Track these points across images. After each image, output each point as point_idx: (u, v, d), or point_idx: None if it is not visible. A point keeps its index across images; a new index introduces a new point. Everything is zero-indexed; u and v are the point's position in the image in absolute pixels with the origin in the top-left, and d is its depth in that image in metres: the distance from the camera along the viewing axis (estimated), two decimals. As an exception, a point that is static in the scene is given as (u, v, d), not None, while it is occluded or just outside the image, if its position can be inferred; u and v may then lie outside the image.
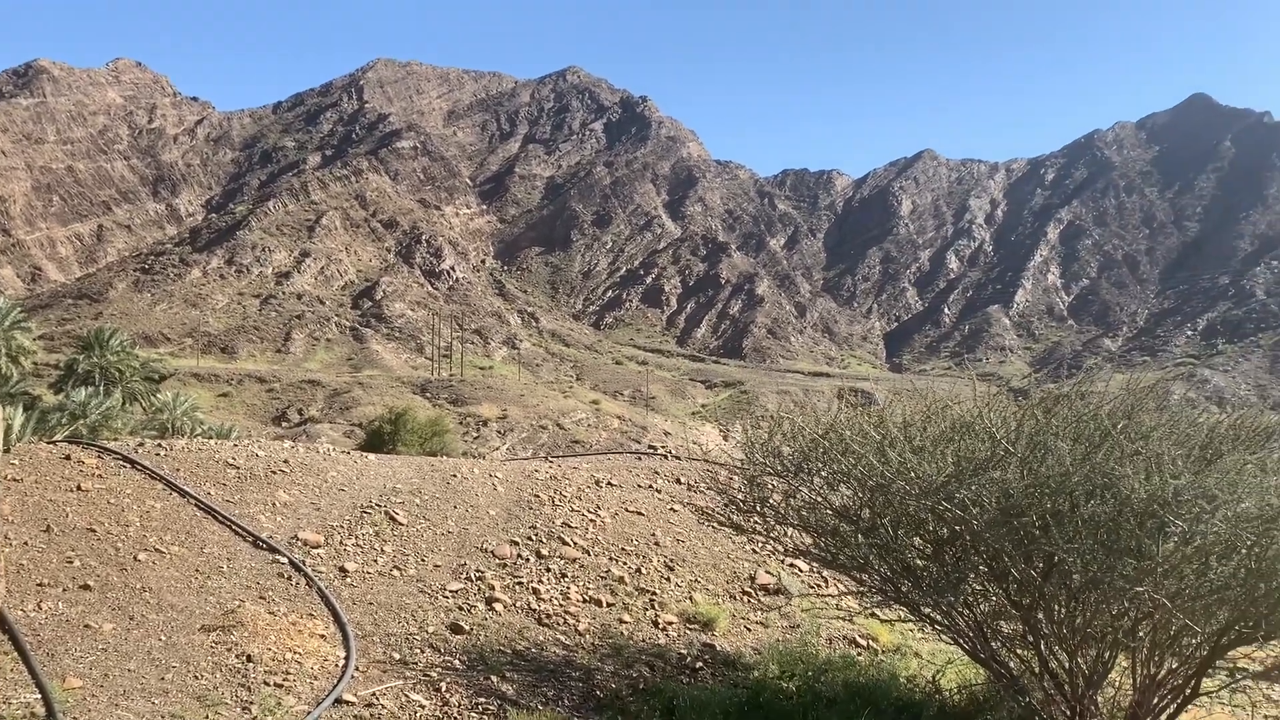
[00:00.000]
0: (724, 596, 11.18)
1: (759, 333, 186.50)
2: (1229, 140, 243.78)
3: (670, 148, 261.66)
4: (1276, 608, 6.61)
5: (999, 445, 7.03)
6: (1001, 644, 7.82)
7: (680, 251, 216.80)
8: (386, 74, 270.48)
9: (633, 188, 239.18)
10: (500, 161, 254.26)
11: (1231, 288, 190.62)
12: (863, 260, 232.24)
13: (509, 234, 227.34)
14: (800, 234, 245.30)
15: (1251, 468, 6.64)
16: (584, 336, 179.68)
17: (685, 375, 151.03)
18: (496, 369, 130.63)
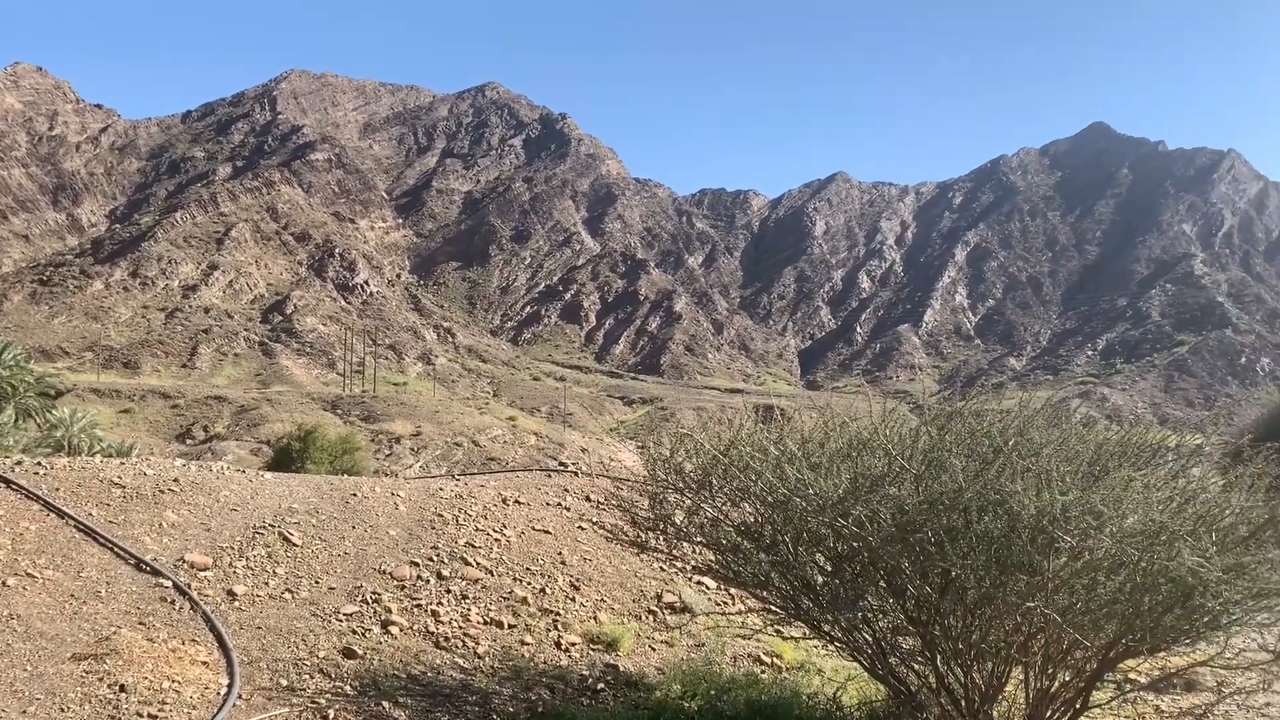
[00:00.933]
0: (630, 616, 11.04)
1: (677, 349, 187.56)
2: (1126, 168, 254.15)
3: (590, 165, 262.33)
4: (1161, 620, 6.75)
5: (895, 462, 7.06)
6: (900, 660, 7.83)
7: (599, 268, 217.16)
8: (301, 85, 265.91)
9: (552, 204, 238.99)
10: (417, 175, 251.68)
11: (1129, 309, 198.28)
12: (778, 279, 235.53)
13: (425, 249, 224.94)
14: (718, 252, 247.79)
15: (1137, 484, 6.78)
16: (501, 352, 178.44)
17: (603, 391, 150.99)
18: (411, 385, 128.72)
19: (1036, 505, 6.39)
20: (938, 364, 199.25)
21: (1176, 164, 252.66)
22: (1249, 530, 6.88)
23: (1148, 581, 6.50)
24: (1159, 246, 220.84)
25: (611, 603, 11.20)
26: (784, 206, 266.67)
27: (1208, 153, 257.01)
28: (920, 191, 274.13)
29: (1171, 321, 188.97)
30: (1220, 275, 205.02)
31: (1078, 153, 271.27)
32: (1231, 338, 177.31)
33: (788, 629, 9.48)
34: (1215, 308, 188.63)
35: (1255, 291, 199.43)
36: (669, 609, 11.38)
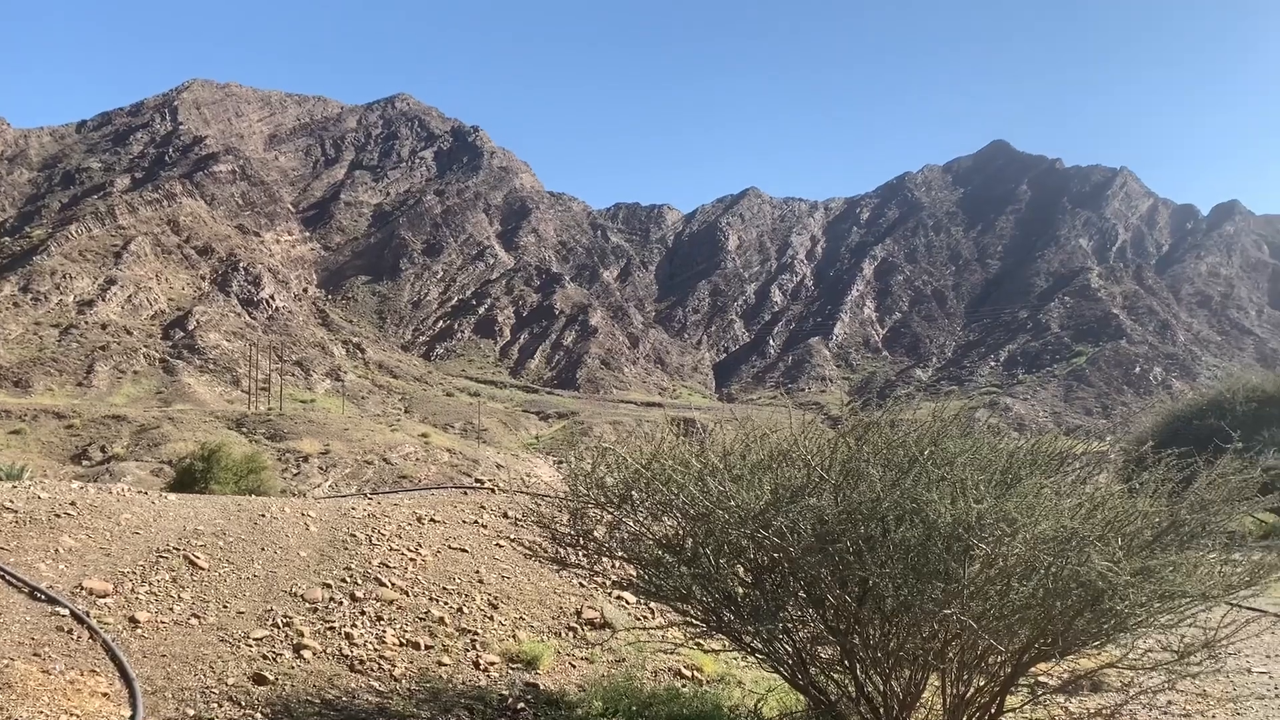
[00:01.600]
0: (550, 633, 10.92)
1: (593, 363, 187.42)
2: (1025, 184, 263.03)
3: (503, 178, 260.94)
4: (1072, 624, 6.93)
5: (814, 473, 7.12)
6: (820, 670, 7.89)
7: (514, 282, 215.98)
8: (203, 95, 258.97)
9: (465, 217, 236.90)
10: (325, 188, 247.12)
11: (1029, 321, 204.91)
12: (693, 293, 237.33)
13: (334, 262, 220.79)
14: (633, 266, 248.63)
15: (1048, 491, 6.96)
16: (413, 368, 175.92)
17: (519, 407, 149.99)
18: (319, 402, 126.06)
19: (952, 513, 6.51)
20: (848, 375, 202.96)
21: (1073, 181, 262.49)
22: (1154, 534, 7.12)
23: (1059, 586, 6.68)
24: (1057, 260, 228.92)
25: (531, 620, 11.07)
26: (698, 221, 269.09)
27: (1102, 170, 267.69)
28: (829, 207, 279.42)
29: (1070, 333, 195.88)
30: (1115, 288, 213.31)
31: (979, 170, 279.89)
32: (1126, 348, 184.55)
33: (709, 641, 9.46)
34: (1111, 319, 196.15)
35: (1147, 303, 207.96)
36: (590, 625, 11.29)
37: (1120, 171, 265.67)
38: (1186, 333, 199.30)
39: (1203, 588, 6.85)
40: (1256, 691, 11.43)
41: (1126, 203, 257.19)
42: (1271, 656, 13.33)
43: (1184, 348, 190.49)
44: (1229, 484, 7.32)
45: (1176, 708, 10.31)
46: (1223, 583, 7.15)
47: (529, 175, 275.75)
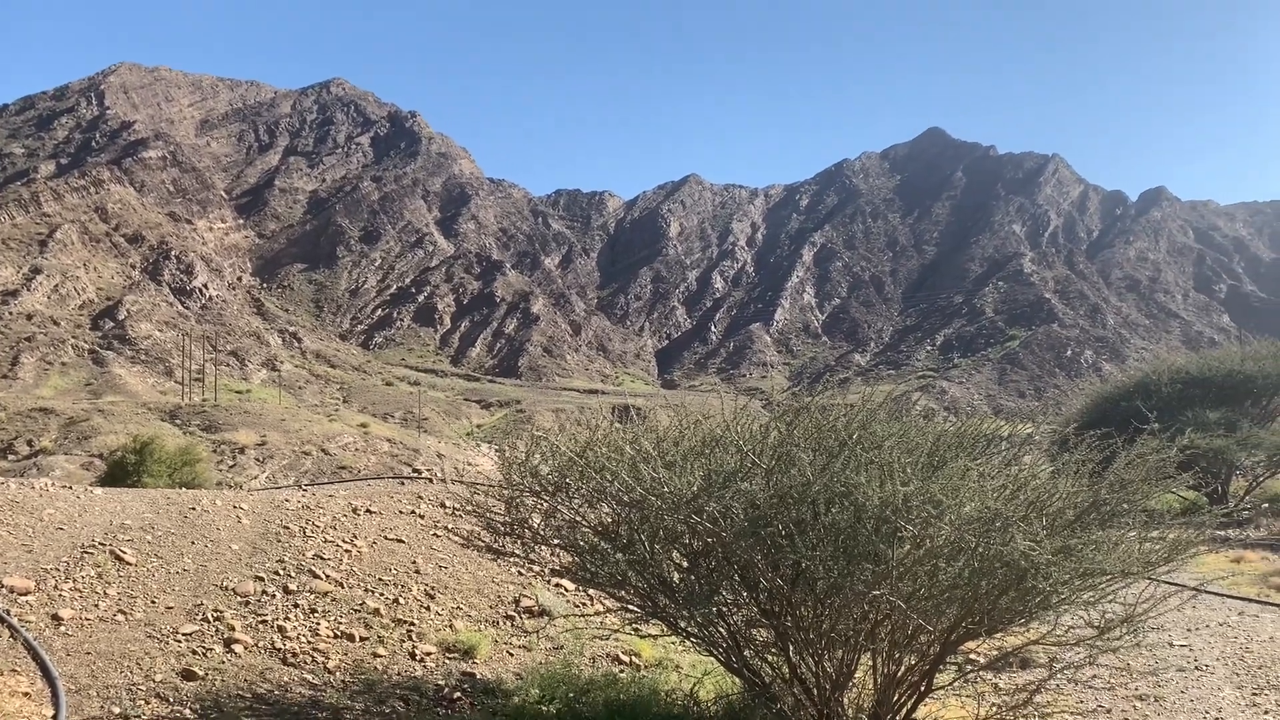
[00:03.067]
0: (487, 623, 10.89)
1: (535, 351, 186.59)
2: (960, 171, 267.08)
3: (441, 164, 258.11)
4: (997, 603, 7.08)
5: (746, 458, 7.17)
6: (755, 652, 7.98)
7: (454, 269, 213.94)
8: (131, 79, 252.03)
9: (403, 204, 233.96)
10: (259, 174, 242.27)
11: (965, 306, 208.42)
12: (634, 280, 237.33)
13: (269, 250, 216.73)
14: (574, 253, 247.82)
15: (973, 473, 7.09)
16: (351, 357, 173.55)
17: (460, 395, 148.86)
18: (255, 393, 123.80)
19: (880, 496, 6.61)
20: (788, 361, 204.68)
21: (1006, 168, 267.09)
22: (1075, 514, 7.30)
23: (985, 566, 6.82)
24: (991, 246, 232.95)
25: (468, 610, 11.03)
26: (639, 208, 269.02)
27: (1034, 157, 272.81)
28: (769, 194, 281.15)
29: (1004, 317, 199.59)
30: (1047, 273, 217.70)
31: (915, 157, 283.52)
32: (1058, 332, 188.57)
33: (646, 627, 9.52)
34: (1043, 304, 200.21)
35: (1079, 288, 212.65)
36: (527, 613, 11.29)
37: (1052, 158, 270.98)
38: (1116, 316, 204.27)
39: (1122, 565, 7.04)
40: (1176, 664, 11.82)
41: (1058, 189, 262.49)
42: (1192, 630, 13.79)
43: (1113, 331, 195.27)
44: (1147, 463, 7.53)
45: (1100, 681, 10.61)
46: (1142, 560, 7.36)
47: (468, 161, 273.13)
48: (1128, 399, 29.36)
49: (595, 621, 10.43)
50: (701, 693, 8.76)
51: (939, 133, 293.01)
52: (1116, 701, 10.18)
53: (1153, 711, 9.87)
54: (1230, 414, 29.72)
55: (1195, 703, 10.15)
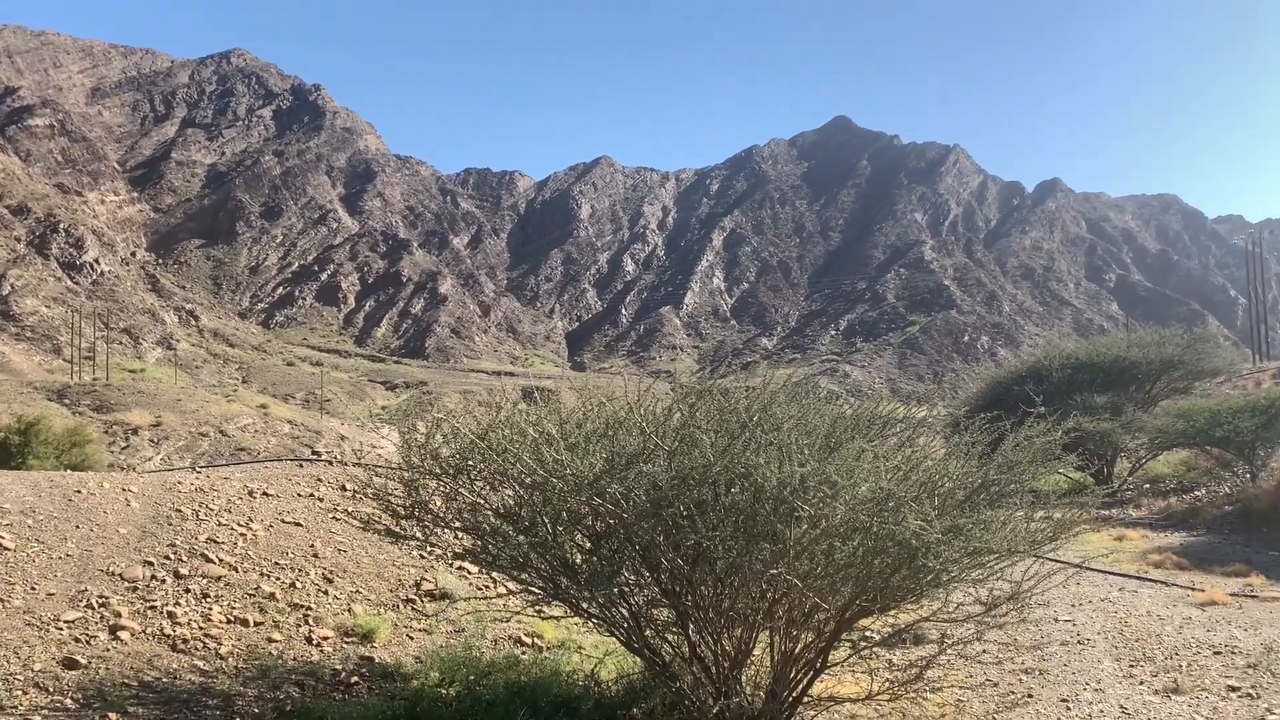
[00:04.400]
0: (387, 606, 10.75)
1: (442, 332, 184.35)
2: (866, 159, 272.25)
3: (346, 139, 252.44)
4: (890, 580, 7.27)
5: (649, 440, 7.20)
6: (655, 632, 8.04)
7: (358, 248, 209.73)
8: (16, 42, 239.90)
9: (306, 179, 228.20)
10: (154, 146, 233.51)
11: (868, 292, 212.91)
12: (545, 261, 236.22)
13: (165, 224, 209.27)
14: (484, 233, 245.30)
15: (868, 455, 7.25)
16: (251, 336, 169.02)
17: (364, 376, 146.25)
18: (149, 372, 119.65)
19: (778, 477, 6.71)
20: (697, 344, 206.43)
21: (909, 157, 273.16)
22: (965, 494, 7.53)
23: (878, 545, 6.99)
24: (894, 234, 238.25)
25: (368, 594, 10.87)
26: (550, 189, 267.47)
27: (936, 147, 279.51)
28: (680, 178, 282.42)
29: (905, 303, 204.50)
30: (947, 261, 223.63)
31: (822, 145, 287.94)
32: (956, 318, 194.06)
33: (549, 609, 9.52)
34: (942, 290, 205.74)
35: (976, 276, 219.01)
36: (429, 597, 11.18)
37: (954, 149, 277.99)
38: (1011, 303, 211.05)
39: (1009, 543, 7.28)
40: (1060, 638, 12.31)
41: (959, 179, 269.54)
42: (1076, 605, 14.36)
43: (1009, 318, 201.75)
44: (1034, 445, 7.80)
45: (989, 655, 10.99)
46: (1028, 538, 7.63)
47: (374, 137, 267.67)
48: (1020, 383, 30.35)
49: (498, 604, 10.38)
50: (603, 673, 8.80)
51: (846, 121, 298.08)
52: (1004, 675, 10.56)
53: (1037, 684, 10.26)
54: (1116, 398, 30.99)
55: (1077, 675, 10.58)
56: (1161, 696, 9.68)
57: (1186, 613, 13.68)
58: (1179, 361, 32.99)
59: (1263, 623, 12.85)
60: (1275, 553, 19.24)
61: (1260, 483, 24.21)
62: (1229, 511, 23.49)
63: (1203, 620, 13.15)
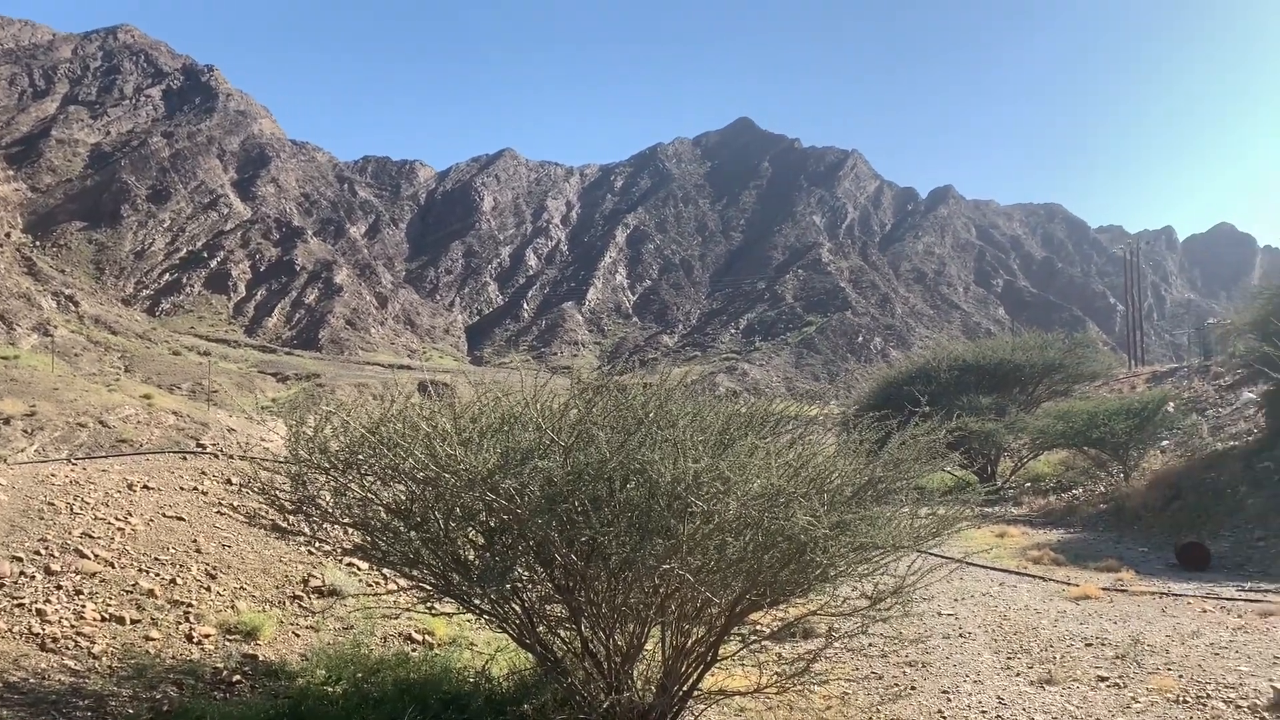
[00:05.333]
0: (273, 603, 10.48)
1: (337, 323, 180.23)
2: (767, 161, 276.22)
3: (240, 123, 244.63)
4: (779, 575, 7.40)
5: (545, 435, 7.18)
6: (548, 628, 8.02)
7: (250, 234, 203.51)
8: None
9: (196, 162, 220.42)
10: (33, 122, 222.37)
11: (767, 292, 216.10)
12: (446, 253, 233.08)
13: (43, 205, 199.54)
14: (382, 223, 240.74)
15: (760, 451, 7.36)
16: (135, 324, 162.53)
17: (254, 367, 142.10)
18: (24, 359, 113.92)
19: (673, 473, 6.76)
20: (599, 341, 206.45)
21: (809, 161, 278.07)
22: (853, 491, 7.71)
23: (769, 540, 7.10)
24: (793, 235, 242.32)
25: (253, 590, 10.57)
26: (452, 179, 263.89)
27: (835, 152, 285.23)
28: (585, 173, 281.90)
29: (802, 304, 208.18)
30: (843, 263, 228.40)
31: (726, 145, 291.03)
32: (851, 319, 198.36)
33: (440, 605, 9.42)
34: (838, 292, 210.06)
35: (871, 279, 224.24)
36: (316, 593, 10.93)
37: (852, 154, 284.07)
38: (904, 306, 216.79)
39: (894, 539, 7.49)
40: (943, 631, 12.71)
41: (856, 184, 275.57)
42: (958, 599, 14.84)
43: (901, 320, 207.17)
44: (919, 444, 8.03)
45: (874, 649, 11.29)
46: (912, 534, 7.85)
47: (269, 121, 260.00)
48: (909, 383, 31.22)
49: (388, 601, 10.22)
50: (494, 669, 8.74)
51: (748, 123, 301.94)
52: (889, 667, 10.85)
53: (920, 676, 10.58)
54: (1000, 400, 32.15)
55: (958, 667, 10.94)
56: (1036, 687, 10.07)
57: (1062, 607, 14.27)
58: (1060, 365, 34.38)
59: (1131, 616, 13.49)
60: (1144, 549, 20.23)
61: (1132, 482, 25.39)
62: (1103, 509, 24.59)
63: (1076, 614, 13.73)
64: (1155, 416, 26.11)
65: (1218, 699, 9.45)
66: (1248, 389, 31.20)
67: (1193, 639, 11.96)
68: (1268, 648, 11.45)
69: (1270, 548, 17.86)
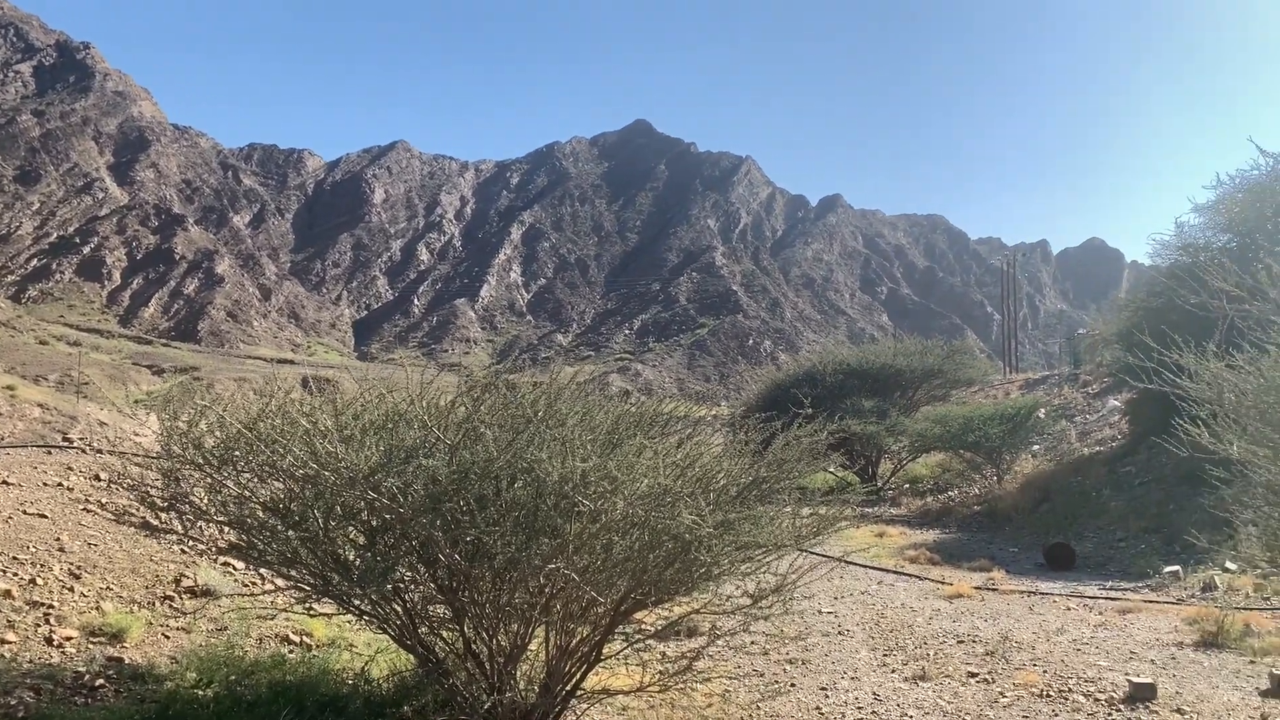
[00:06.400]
0: (142, 604, 10.07)
1: (218, 315, 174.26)
2: (664, 164, 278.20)
3: (118, 104, 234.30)
4: (664, 574, 7.46)
5: (430, 433, 7.08)
6: (430, 629, 7.91)
7: (127, 221, 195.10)
8: None
9: (69, 144, 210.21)
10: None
11: (661, 294, 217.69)
12: (334, 246, 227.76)
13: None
14: (268, 213, 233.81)
15: (648, 451, 7.40)
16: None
17: (128, 359, 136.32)
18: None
19: (560, 472, 6.75)
20: (492, 338, 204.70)
21: (705, 165, 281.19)
22: (738, 490, 7.83)
23: (654, 540, 7.16)
24: (688, 238, 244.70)
25: (121, 591, 10.14)
26: (341, 170, 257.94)
27: (730, 157, 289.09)
28: (480, 169, 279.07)
29: (695, 306, 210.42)
30: (736, 267, 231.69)
31: (623, 146, 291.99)
32: (742, 322, 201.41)
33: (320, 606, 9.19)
34: (731, 295, 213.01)
35: (762, 283, 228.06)
36: (189, 594, 10.55)
37: (745, 160, 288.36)
38: (793, 310, 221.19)
39: (776, 538, 7.63)
40: (823, 629, 13.00)
41: (749, 189, 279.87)
42: (838, 598, 15.20)
43: (790, 324, 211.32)
44: (801, 445, 8.20)
45: (757, 647, 11.48)
46: (793, 533, 8.02)
47: (149, 103, 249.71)
48: (796, 386, 31.87)
49: (265, 601, 9.93)
50: (374, 670, 8.58)
51: (646, 125, 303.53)
52: (769, 665, 11.05)
53: (800, 673, 10.80)
54: (882, 403, 33.08)
55: (836, 664, 11.21)
56: (910, 683, 10.39)
57: (936, 605, 14.76)
58: (939, 371, 35.58)
59: (1001, 614, 14.04)
60: (1015, 549, 21.07)
61: (1005, 485, 26.44)
62: (977, 511, 25.53)
63: (950, 612, 14.22)
64: (1027, 422, 27.26)
65: (1078, 692, 9.91)
66: (1113, 397, 32.83)
67: (1057, 635, 12.52)
68: (1125, 643, 12.07)
69: (1130, 548, 18.82)
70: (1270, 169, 19.31)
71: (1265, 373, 7.18)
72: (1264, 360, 7.26)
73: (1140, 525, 19.58)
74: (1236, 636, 11.69)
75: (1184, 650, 11.61)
